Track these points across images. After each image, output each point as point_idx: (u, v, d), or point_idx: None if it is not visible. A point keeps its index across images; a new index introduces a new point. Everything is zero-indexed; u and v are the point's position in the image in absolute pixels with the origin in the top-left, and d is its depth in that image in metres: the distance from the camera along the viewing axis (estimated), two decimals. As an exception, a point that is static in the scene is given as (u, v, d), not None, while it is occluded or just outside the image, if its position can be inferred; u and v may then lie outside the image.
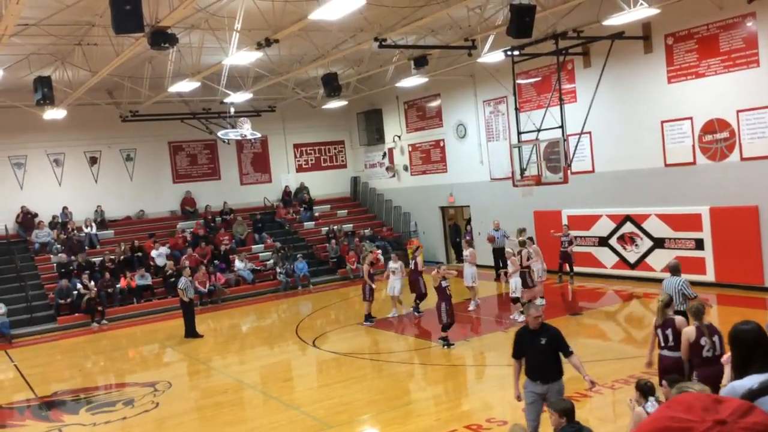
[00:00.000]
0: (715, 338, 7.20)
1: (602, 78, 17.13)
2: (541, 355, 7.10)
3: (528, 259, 14.59)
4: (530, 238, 16.70)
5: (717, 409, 1.14)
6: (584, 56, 18.37)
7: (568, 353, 7.12)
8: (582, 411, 8.03)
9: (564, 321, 14.46)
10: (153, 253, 22.10)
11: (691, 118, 16.23)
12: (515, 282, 14.60)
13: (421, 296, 16.28)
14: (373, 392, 11.15)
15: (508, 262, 14.93)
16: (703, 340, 7.18)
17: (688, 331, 7.34)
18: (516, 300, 14.76)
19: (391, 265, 16.50)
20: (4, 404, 12.35)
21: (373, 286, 16.03)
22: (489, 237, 20.26)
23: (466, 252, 16.97)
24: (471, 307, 16.48)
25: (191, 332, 16.48)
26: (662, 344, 7.84)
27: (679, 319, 7.85)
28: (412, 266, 16.76)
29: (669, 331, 7.74)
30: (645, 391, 6.17)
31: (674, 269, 9.97)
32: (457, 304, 14.97)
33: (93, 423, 10.68)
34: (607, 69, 17.08)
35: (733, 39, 15.24)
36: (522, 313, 14.64)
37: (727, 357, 4.40)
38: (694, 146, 16.27)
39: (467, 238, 19.81)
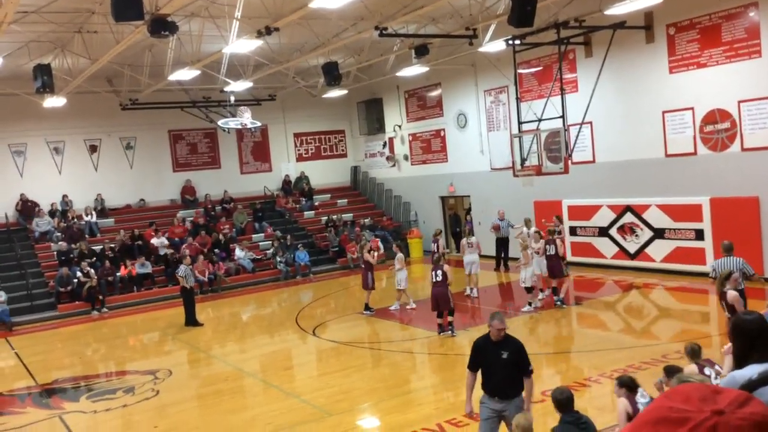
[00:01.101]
0: (715, 369, 6.82)
1: (604, 68, 17.08)
2: (501, 370, 6.54)
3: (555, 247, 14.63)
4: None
5: (715, 400, 1.14)
6: (586, 46, 18.32)
7: (528, 372, 6.59)
8: (581, 400, 8.05)
9: (564, 311, 14.50)
10: (155, 241, 22.11)
11: (692, 109, 16.20)
12: (526, 273, 14.57)
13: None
14: (373, 381, 11.19)
15: (527, 251, 14.77)
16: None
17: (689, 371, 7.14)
18: (529, 290, 14.78)
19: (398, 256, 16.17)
20: (5, 391, 12.38)
21: (373, 261, 15.95)
22: (494, 226, 20.25)
23: (471, 239, 17.03)
24: (474, 294, 16.67)
25: (191, 320, 16.51)
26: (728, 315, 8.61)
27: (731, 294, 8.63)
28: (434, 248, 17.02)
29: (724, 303, 8.67)
30: (629, 384, 6.14)
31: (728, 249, 10.24)
32: (456, 294, 14.99)
33: (94, 410, 10.72)
34: (608, 59, 17.03)
35: (735, 29, 15.18)
36: (530, 303, 14.68)
37: (727, 347, 4.41)
38: (695, 136, 16.24)
39: (469, 226, 19.85)
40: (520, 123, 17.53)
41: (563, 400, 5.83)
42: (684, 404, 1.13)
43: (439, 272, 12.99)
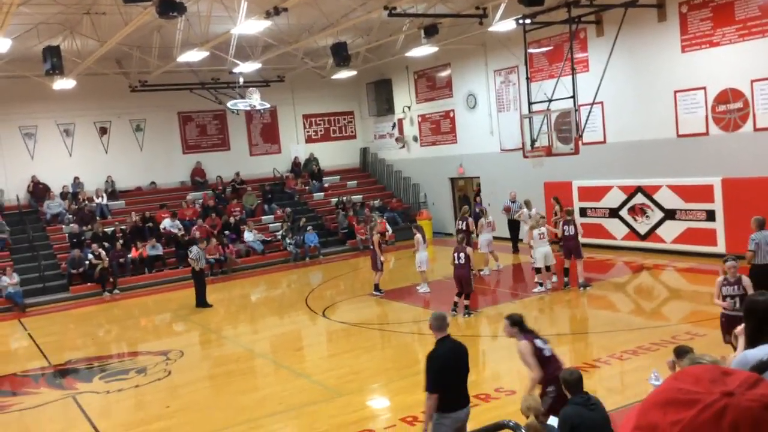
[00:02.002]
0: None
1: (615, 47, 16.90)
2: (465, 369, 6.31)
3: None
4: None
5: (725, 381, 1.13)
6: (597, 25, 18.13)
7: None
8: (590, 381, 8.07)
9: (573, 293, 14.49)
10: (167, 222, 22.18)
11: (704, 88, 16.03)
12: (536, 253, 14.53)
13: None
14: (383, 361, 11.25)
15: (532, 231, 14.79)
16: None
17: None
18: (538, 270, 14.77)
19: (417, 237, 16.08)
20: (19, 372, 12.54)
21: (382, 258, 16.02)
22: (505, 207, 20.14)
23: (489, 218, 17.18)
24: (486, 272, 16.80)
25: (202, 302, 16.61)
26: None
27: (745, 278, 8.69)
28: (462, 226, 17.00)
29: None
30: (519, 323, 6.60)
31: (762, 224, 10.33)
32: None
33: (106, 391, 10.84)
34: (620, 38, 16.85)
35: (748, 7, 14.97)
36: (541, 284, 14.66)
37: (740, 328, 4.39)
38: (707, 116, 16.09)
39: (482, 207, 19.78)
40: (530, 103, 17.41)
41: (573, 381, 5.82)
42: (694, 386, 1.12)
43: (462, 254, 12.93)
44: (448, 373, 6.08)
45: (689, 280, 15.30)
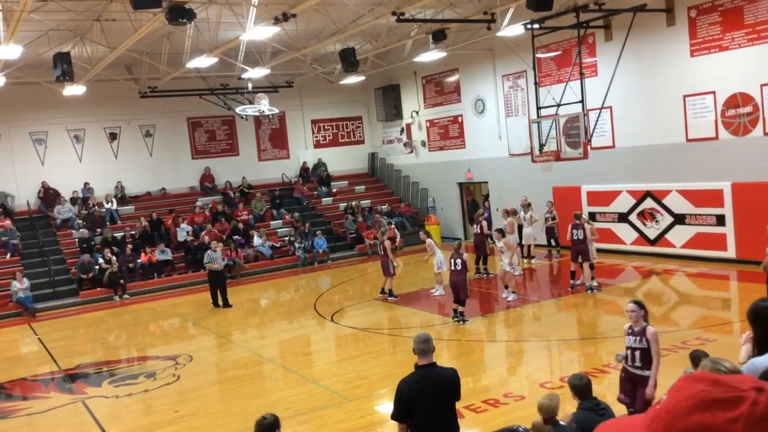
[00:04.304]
0: None
1: (624, 52, 16.87)
2: (445, 402, 5.42)
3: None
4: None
5: (738, 380, 1.15)
6: (605, 29, 18.10)
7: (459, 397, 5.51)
8: (600, 387, 8.04)
9: (582, 297, 14.44)
10: (182, 233, 22.20)
11: (713, 93, 15.98)
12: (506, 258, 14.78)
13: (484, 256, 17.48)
14: (391, 366, 11.22)
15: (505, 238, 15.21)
16: None
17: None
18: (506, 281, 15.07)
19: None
20: (29, 376, 12.60)
21: (395, 263, 15.99)
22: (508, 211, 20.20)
23: (506, 221, 17.43)
24: (516, 273, 16.98)
25: (225, 301, 17.05)
26: None
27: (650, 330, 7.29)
28: (477, 230, 17.39)
29: None
30: None
31: None
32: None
33: (116, 395, 10.87)
34: (628, 42, 16.82)
35: (758, 11, 14.92)
36: (507, 287, 14.76)
37: (746, 335, 4.36)
38: (716, 121, 16.03)
39: (486, 213, 19.90)
40: (538, 108, 17.39)
41: (581, 387, 5.80)
42: (726, 385, 1.13)
43: (459, 261, 13.03)
44: (413, 406, 5.28)
45: (699, 285, 15.21)
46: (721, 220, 16.16)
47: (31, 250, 21.05)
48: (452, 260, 13.14)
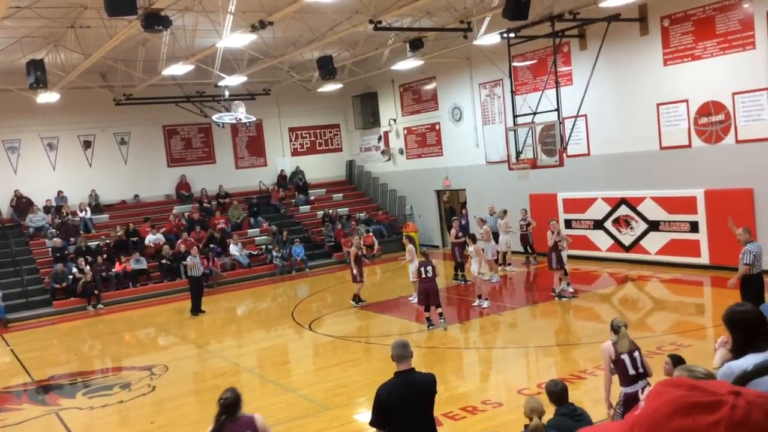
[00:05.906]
0: (636, 354, 6.79)
1: (598, 60, 17.08)
2: (424, 408, 5.46)
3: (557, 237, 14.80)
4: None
5: (714, 386, 1.17)
6: (580, 39, 18.30)
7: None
8: (576, 393, 8.09)
9: (559, 303, 14.53)
10: (150, 238, 22.05)
11: (686, 101, 16.22)
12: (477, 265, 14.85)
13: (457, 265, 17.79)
14: (370, 374, 11.19)
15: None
16: (624, 356, 6.73)
17: (607, 347, 6.87)
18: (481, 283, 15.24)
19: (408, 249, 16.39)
20: (0, 388, 12.37)
21: (355, 271, 16.01)
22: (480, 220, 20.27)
23: (481, 229, 17.56)
24: (494, 279, 17.33)
25: (197, 308, 17.07)
26: None
27: None
28: (453, 237, 17.81)
29: None
30: None
31: (749, 233, 10.73)
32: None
33: (90, 406, 10.72)
34: (603, 51, 17.03)
35: (729, 21, 15.19)
36: (479, 297, 14.85)
37: (720, 340, 4.41)
38: (689, 129, 16.27)
39: (464, 220, 20.00)
40: (515, 116, 17.53)
41: (558, 392, 5.82)
42: (704, 390, 1.15)
43: (430, 267, 13.17)
44: (391, 412, 5.30)
45: (673, 291, 15.39)
46: (694, 227, 16.38)
47: (3, 260, 20.70)
48: (422, 268, 13.24)
